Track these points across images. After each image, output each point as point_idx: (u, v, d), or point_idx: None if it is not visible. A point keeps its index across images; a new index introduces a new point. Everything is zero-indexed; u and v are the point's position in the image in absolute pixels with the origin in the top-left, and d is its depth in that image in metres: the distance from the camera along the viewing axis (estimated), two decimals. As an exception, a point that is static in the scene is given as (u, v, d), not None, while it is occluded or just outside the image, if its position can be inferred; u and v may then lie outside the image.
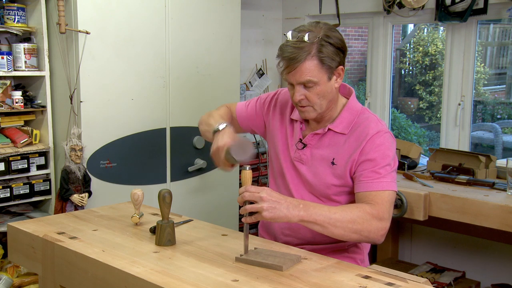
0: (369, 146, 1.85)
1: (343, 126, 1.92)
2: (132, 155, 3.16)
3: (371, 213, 1.75)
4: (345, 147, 1.90)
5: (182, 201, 3.39)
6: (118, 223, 2.14)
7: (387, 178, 1.82)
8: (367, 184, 1.82)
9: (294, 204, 1.69)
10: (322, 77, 1.81)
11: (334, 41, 1.81)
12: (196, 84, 3.41)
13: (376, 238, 1.77)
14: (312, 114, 1.89)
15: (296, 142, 1.99)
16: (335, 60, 1.82)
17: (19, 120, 3.02)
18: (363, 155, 1.85)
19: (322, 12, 4.06)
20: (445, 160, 3.29)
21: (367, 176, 1.82)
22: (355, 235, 1.74)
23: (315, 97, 1.84)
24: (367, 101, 4.04)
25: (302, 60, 1.77)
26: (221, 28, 3.49)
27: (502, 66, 5.73)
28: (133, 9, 3.08)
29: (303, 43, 1.77)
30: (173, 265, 1.70)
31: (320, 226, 1.70)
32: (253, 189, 1.68)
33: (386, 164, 1.83)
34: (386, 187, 1.81)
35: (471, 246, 3.48)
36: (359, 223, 1.72)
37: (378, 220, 1.75)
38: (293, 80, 1.83)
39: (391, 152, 1.86)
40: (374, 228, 1.74)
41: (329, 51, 1.80)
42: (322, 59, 1.79)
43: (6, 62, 2.87)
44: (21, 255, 2.09)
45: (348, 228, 1.72)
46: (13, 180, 2.95)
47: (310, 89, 1.83)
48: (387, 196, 1.80)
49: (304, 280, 1.59)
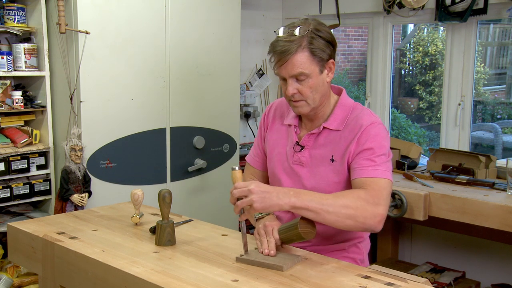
0: (365, 136, 1.85)
1: (337, 123, 1.93)
2: (132, 155, 3.16)
3: (365, 198, 1.71)
4: (341, 142, 1.91)
5: (182, 201, 3.39)
6: (118, 223, 2.14)
7: (382, 166, 1.81)
8: (362, 171, 1.80)
9: (284, 192, 1.69)
10: (314, 70, 1.83)
11: (323, 34, 1.84)
12: (196, 84, 3.41)
13: (373, 225, 1.72)
14: (305, 108, 1.90)
15: (293, 145, 2.00)
16: (325, 52, 1.84)
17: (19, 120, 3.02)
18: (360, 145, 1.85)
19: (322, 12, 4.06)
20: (445, 160, 3.29)
21: (362, 164, 1.82)
22: (350, 221, 1.69)
23: (308, 90, 1.85)
24: (367, 101, 4.04)
25: (293, 52, 1.79)
26: (221, 28, 3.49)
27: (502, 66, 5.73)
28: (133, 9, 3.08)
29: (294, 36, 1.80)
30: (173, 265, 1.70)
31: (313, 212, 1.67)
32: (241, 184, 1.70)
33: (381, 154, 1.83)
34: (382, 175, 1.79)
35: (471, 246, 3.48)
36: (353, 208, 1.68)
37: (374, 205, 1.71)
38: (285, 73, 1.84)
39: (386, 143, 1.87)
40: (369, 213, 1.70)
41: (319, 43, 1.82)
42: (313, 50, 1.81)
43: (6, 62, 2.87)
44: (21, 255, 2.09)
45: (341, 213, 1.68)
46: (13, 180, 2.95)
47: (302, 82, 1.84)
48: (383, 183, 1.78)
49: (304, 280, 1.59)
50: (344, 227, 1.74)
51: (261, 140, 2.14)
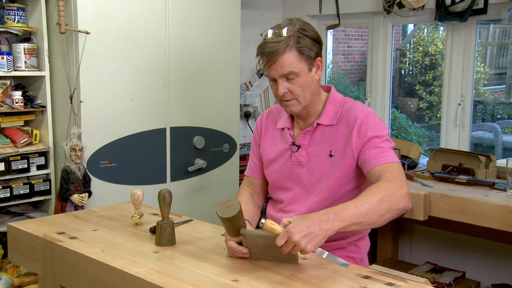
0: (364, 127, 1.89)
1: (329, 118, 1.96)
2: (132, 155, 3.16)
3: (391, 185, 1.73)
4: (338, 136, 1.93)
5: (182, 201, 3.39)
6: (118, 223, 2.14)
7: (390, 152, 1.86)
8: (375, 161, 1.83)
9: (325, 220, 1.60)
10: (302, 68, 1.85)
11: (309, 33, 1.87)
12: (196, 84, 3.41)
13: (406, 205, 1.74)
14: (297, 107, 1.92)
15: (290, 146, 2.00)
16: (313, 50, 1.87)
17: (19, 120, 3.02)
18: (362, 137, 1.88)
19: (322, 12, 4.06)
20: (445, 160, 3.29)
21: (372, 154, 1.85)
22: (389, 214, 1.70)
23: (298, 89, 1.87)
24: (367, 101, 4.04)
25: (282, 52, 1.82)
26: (221, 28, 3.49)
27: (502, 66, 5.73)
28: (133, 9, 3.08)
29: (281, 37, 1.83)
30: (173, 265, 1.70)
31: (357, 224, 1.66)
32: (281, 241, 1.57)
33: (385, 139, 1.88)
34: (392, 159, 1.84)
35: (471, 246, 3.48)
36: (386, 200, 1.69)
37: (399, 188, 1.73)
38: (275, 73, 1.86)
39: (386, 130, 1.92)
40: (399, 197, 1.72)
41: (306, 42, 1.85)
42: (301, 49, 1.84)
43: (6, 62, 2.87)
44: (21, 255, 2.09)
45: (380, 210, 1.68)
46: (13, 180, 2.95)
47: (292, 81, 1.86)
48: (397, 166, 1.83)
49: (304, 280, 1.59)
50: (386, 221, 1.74)
51: (256, 148, 2.16)
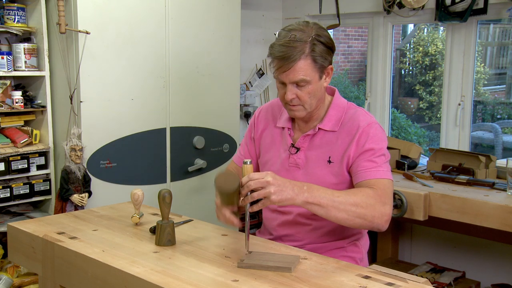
0: (364, 137, 1.87)
1: (332, 124, 1.94)
2: (132, 155, 3.16)
3: (374, 197, 1.73)
4: (338, 143, 1.91)
5: (182, 201, 3.39)
6: (118, 223, 2.14)
7: (383, 167, 1.83)
8: (366, 173, 1.82)
9: (299, 186, 1.65)
10: (314, 76, 1.83)
11: (325, 40, 1.84)
12: (196, 84, 3.41)
13: (380, 224, 1.74)
14: (301, 113, 1.90)
15: (289, 147, 1.99)
16: (327, 59, 1.85)
17: (19, 120, 3.02)
18: (359, 147, 1.86)
19: (322, 12, 4.06)
20: (445, 160, 3.29)
21: (364, 166, 1.83)
22: (359, 220, 1.71)
23: (306, 96, 1.85)
24: (367, 101, 4.04)
25: (297, 60, 1.79)
26: (221, 28, 3.49)
27: (502, 66, 5.73)
28: (133, 9, 3.08)
29: (296, 42, 1.79)
30: (173, 265, 1.70)
31: (324, 208, 1.67)
32: (257, 175, 1.63)
33: (381, 154, 1.85)
34: (384, 175, 1.81)
35: (471, 246, 3.48)
36: (363, 206, 1.69)
37: (382, 204, 1.73)
38: (286, 79, 1.84)
39: (384, 143, 1.89)
40: (378, 213, 1.72)
41: (321, 50, 1.82)
42: (315, 58, 1.81)
43: (6, 62, 2.87)
44: (21, 255, 2.09)
45: (351, 211, 1.69)
46: (13, 180, 2.95)
47: (302, 88, 1.84)
48: (387, 183, 1.80)
49: (304, 280, 1.59)
50: (353, 225, 1.75)
51: (250, 140, 2.14)
